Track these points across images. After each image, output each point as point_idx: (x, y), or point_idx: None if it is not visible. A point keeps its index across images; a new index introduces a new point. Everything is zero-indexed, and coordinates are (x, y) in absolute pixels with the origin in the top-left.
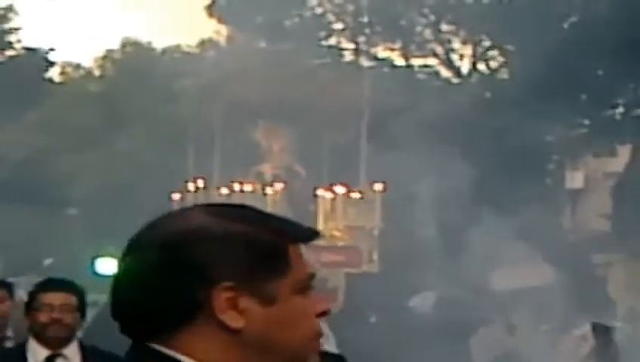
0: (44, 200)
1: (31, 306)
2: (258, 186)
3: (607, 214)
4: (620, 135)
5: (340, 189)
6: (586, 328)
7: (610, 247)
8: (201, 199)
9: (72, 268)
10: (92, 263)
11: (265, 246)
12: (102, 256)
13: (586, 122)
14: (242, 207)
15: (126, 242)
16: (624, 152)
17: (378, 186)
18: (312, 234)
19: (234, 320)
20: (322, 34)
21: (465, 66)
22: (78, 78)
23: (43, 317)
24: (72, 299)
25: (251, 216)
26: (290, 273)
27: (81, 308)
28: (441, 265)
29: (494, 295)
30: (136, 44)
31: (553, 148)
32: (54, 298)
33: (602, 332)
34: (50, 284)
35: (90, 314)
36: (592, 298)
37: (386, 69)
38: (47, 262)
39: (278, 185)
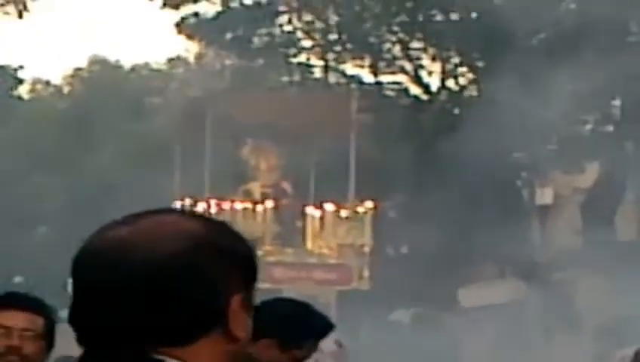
0: (14, 218)
1: None
2: (248, 204)
3: (576, 230)
4: (588, 151)
5: (329, 207)
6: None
7: (580, 264)
8: None
9: (43, 286)
10: (67, 281)
11: (249, 255)
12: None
13: (555, 138)
14: (197, 215)
15: None
16: (593, 168)
17: (368, 204)
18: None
19: (238, 330)
20: (291, 51)
21: (434, 83)
22: (47, 95)
23: None
24: (39, 323)
25: (222, 224)
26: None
27: (49, 335)
28: (415, 283)
29: (465, 312)
30: (104, 62)
31: (522, 164)
32: (14, 318)
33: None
34: (10, 300)
35: (59, 328)
36: (561, 314)
37: (353, 86)
38: (18, 280)
39: (268, 203)
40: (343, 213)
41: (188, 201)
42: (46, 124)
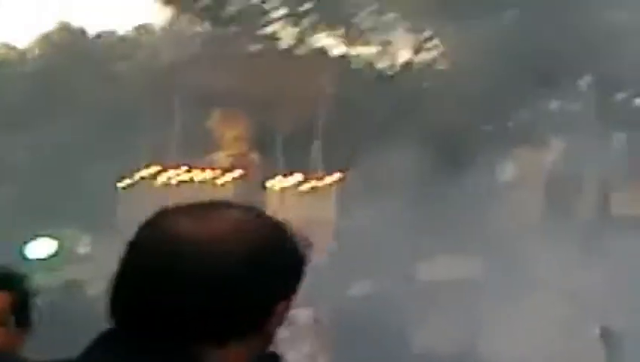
0: None
1: None
2: (218, 173)
3: (538, 207)
4: (553, 127)
5: (293, 178)
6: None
7: (540, 240)
8: (148, 186)
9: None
10: (21, 247)
11: (303, 262)
12: (36, 238)
13: (520, 114)
14: (258, 212)
15: (61, 226)
16: (557, 145)
17: (333, 176)
18: None
19: (274, 332)
20: (263, 20)
21: (404, 56)
22: (14, 59)
23: None
24: (5, 301)
25: (283, 227)
26: None
27: (23, 313)
28: (374, 256)
29: (423, 286)
30: (71, 27)
31: (487, 138)
32: None
33: (609, 336)
34: None
35: None
36: (521, 290)
37: (323, 57)
38: None
39: (231, 174)
40: (306, 185)
41: (154, 168)
42: (12, 88)
